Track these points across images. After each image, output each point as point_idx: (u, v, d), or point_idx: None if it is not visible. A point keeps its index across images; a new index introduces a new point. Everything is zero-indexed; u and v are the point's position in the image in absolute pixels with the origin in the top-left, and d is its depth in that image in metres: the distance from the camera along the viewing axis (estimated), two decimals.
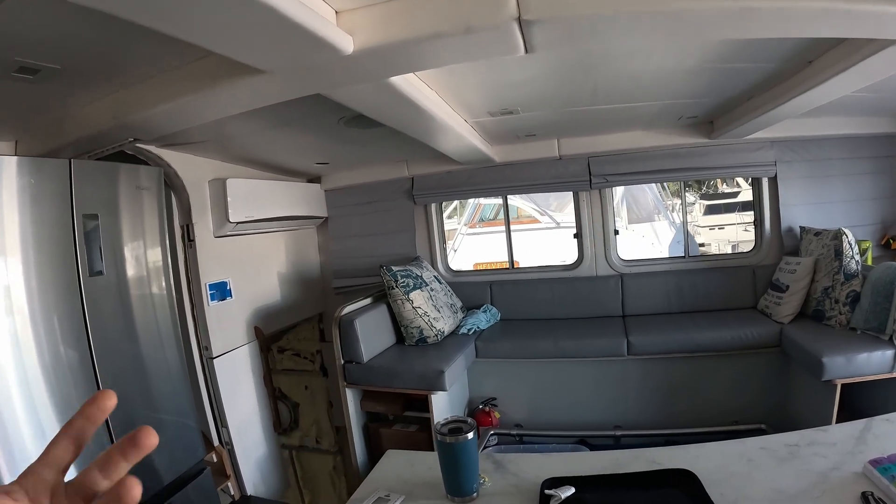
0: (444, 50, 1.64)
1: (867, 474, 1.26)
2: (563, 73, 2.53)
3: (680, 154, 4.19)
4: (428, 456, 1.74)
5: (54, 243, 2.20)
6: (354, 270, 4.87)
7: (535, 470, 1.52)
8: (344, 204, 4.90)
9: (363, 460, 3.61)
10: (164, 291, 2.78)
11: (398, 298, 3.77)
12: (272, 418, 4.10)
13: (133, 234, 2.61)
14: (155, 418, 2.63)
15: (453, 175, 4.54)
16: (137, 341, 2.59)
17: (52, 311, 2.15)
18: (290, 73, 1.77)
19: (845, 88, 2.61)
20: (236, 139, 3.25)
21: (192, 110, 2.15)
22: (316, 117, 2.87)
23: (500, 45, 1.60)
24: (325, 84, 1.96)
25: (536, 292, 4.49)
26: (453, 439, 1.39)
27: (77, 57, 1.79)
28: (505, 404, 3.99)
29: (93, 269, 2.35)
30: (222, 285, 3.65)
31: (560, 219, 8.16)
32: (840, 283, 3.39)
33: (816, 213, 4.09)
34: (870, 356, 2.94)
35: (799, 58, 2.46)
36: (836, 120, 3.89)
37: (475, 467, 1.43)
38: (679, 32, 1.73)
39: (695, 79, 2.76)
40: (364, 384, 3.50)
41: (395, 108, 2.42)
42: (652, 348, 3.71)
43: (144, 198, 2.68)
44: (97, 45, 1.72)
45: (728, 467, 1.41)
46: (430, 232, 4.78)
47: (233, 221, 3.59)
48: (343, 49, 1.55)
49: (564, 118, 3.51)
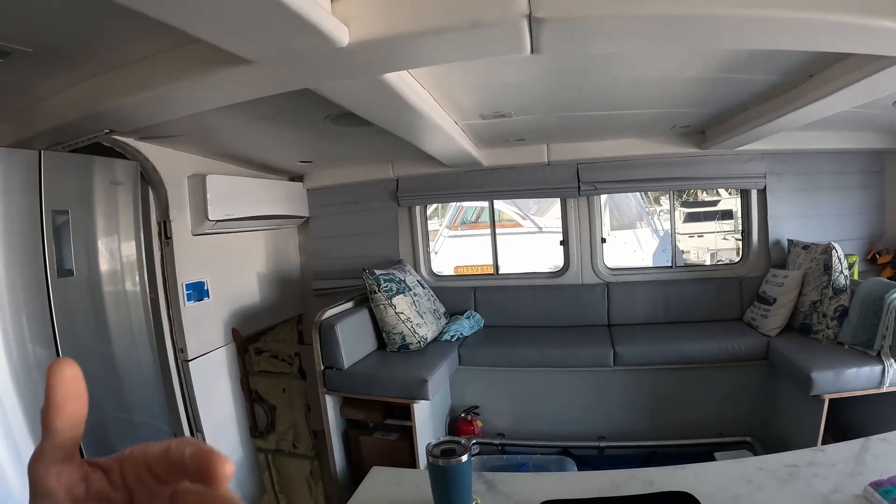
0: (447, 46, 1.55)
1: (868, 497, 1.24)
2: (562, 77, 2.47)
3: (670, 163, 4.17)
4: (413, 473, 1.68)
5: (22, 240, 2.11)
6: (335, 272, 4.79)
7: (529, 491, 1.46)
8: (326, 204, 4.82)
9: (342, 468, 3.52)
10: (139, 291, 2.71)
11: (380, 303, 3.69)
12: (248, 422, 4.01)
13: (107, 231, 2.53)
14: (126, 420, 2.57)
15: (439, 177, 4.48)
16: (110, 342, 2.52)
17: (20, 310, 2.07)
18: (278, 64, 1.67)
19: (844, 104, 2.59)
20: (217, 133, 3.14)
21: (170, 101, 2.04)
22: (301, 113, 2.77)
23: (505, 44, 1.52)
24: (314, 78, 1.87)
25: (521, 299, 4.44)
26: (446, 462, 1.31)
27: (50, 39, 1.69)
28: (487, 413, 3.93)
29: (62, 267, 2.27)
30: (199, 285, 3.55)
31: (542, 223, 8.15)
32: (829, 298, 3.39)
33: (804, 226, 4.11)
34: (858, 371, 2.93)
35: (801, 71, 2.44)
36: (827, 134, 3.90)
37: (469, 490, 1.35)
38: (691, 39, 1.67)
39: (695, 87, 2.73)
40: (344, 391, 3.42)
41: (387, 107, 2.33)
42: (638, 359, 3.68)
43: (119, 193, 2.59)
44: (71, 27, 1.61)
45: (728, 490, 1.37)
46: (414, 235, 4.71)
47: (212, 219, 3.48)
48: (338, 40, 1.45)
49: (556, 123, 3.46)
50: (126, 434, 2.51)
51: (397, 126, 2.75)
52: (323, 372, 3.39)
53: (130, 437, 2.55)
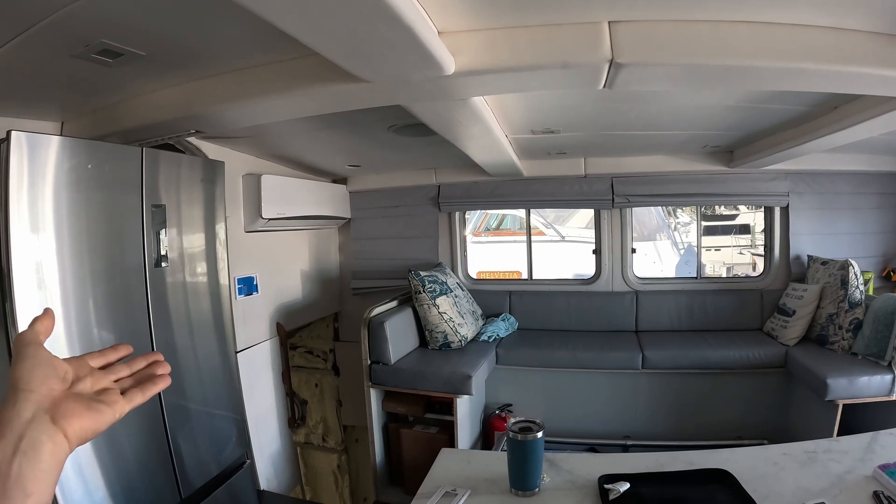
0: (535, 80, 1.79)
1: (877, 477, 1.45)
2: (614, 103, 2.69)
3: (699, 180, 4.36)
4: (483, 454, 1.84)
5: (111, 231, 2.24)
6: (373, 272, 4.97)
7: (587, 468, 1.65)
8: (368, 206, 4.99)
9: (381, 458, 3.68)
10: (216, 284, 2.86)
11: (425, 303, 3.87)
12: (287, 414, 4.17)
13: (193, 228, 2.68)
14: (206, 413, 2.73)
15: (479, 185, 4.66)
16: (192, 333, 2.67)
17: (88, 295, 2.14)
18: (388, 85, 1.86)
19: (865, 134, 2.80)
20: (278, 137, 3.31)
21: (271, 109, 2.22)
22: (366, 122, 2.94)
23: (584, 80, 1.77)
24: (413, 98, 2.07)
25: (554, 304, 4.62)
26: (524, 437, 1.52)
27: (165, 45, 1.83)
28: (520, 411, 4.08)
29: (156, 258, 2.43)
30: (249, 280, 3.71)
31: (564, 232, 8.31)
32: (844, 311, 3.57)
33: (823, 243, 4.28)
34: (870, 380, 3.13)
35: (826, 104, 2.66)
36: (848, 156, 4.07)
37: (540, 464, 1.55)
38: (738, 83, 1.95)
39: (730, 114, 2.95)
40: (389, 385, 3.57)
41: (459, 122, 2.52)
42: (665, 363, 3.85)
43: (204, 190, 2.75)
44: (190, 34, 1.76)
45: (757, 469, 1.57)
46: (453, 239, 4.89)
47: (265, 217, 3.65)
48: (445, 68, 1.67)
49: (597, 139, 3.66)
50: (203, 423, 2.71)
51: (458, 137, 2.92)
52: (370, 366, 3.54)
53: (211, 429, 2.76)
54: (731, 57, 1.64)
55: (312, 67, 1.90)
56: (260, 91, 2.09)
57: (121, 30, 1.69)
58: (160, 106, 2.38)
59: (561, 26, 1.65)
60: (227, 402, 2.93)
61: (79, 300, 2.10)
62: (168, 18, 1.65)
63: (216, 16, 1.51)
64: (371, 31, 1.42)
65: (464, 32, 1.69)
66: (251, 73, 2.10)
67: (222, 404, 2.89)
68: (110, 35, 1.72)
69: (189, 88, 2.28)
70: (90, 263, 2.14)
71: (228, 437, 2.90)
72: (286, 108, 2.23)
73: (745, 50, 1.66)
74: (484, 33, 1.69)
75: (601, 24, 1.64)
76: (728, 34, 1.64)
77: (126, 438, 2.22)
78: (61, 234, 2.02)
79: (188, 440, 2.55)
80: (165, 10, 1.59)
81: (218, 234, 2.87)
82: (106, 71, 2.00)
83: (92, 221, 2.14)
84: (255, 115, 2.37)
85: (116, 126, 2.53)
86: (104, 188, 2.20)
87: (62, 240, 2.03)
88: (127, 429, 2.23)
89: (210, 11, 1.46)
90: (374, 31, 1.42)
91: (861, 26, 1.69)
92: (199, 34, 1.79)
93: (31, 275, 1.93)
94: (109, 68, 1.97)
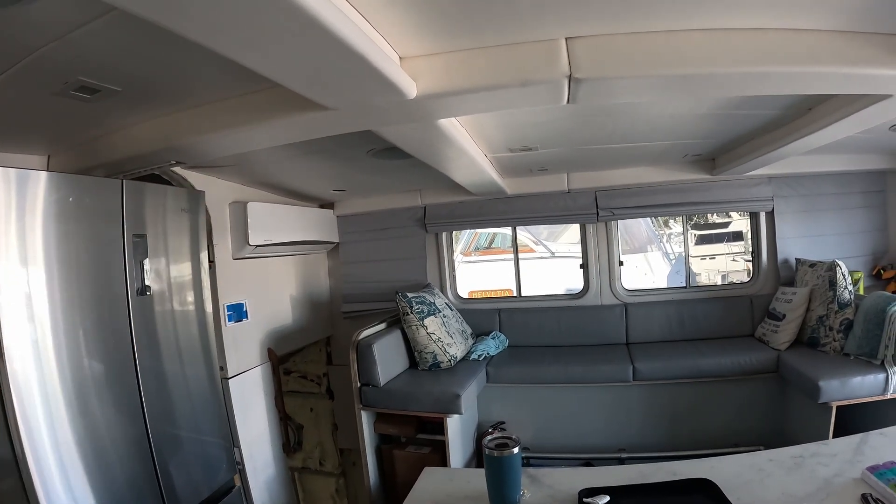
0: (498, 98, 1.82)
1: (865, 479, 1.44)
2: (586, 117, 2.72)
3: (683, 189, 4.38)
4: (464, 472, 1.85)
5: (95, 261, 2.26)
6: (363, 295, 4.98)
7: (568, 482, 1.65)
8: (356, 230, 5.02)
9: (375, 480, 3.66)
10: (202, 311, 2.87)
11: (413, 324, 3.87)
12: (282, 439, 4.16)
13: (176, 256, 2.71)
14: (193, 439, 2.73)
15: (465, 205, 4.69)
16: (176, 361, 2.68)
17: (77, 325, 2.15)
18: (353, 111, 1.90)
19: (842, 133, 2.80)
20: (262, 164, 3.34)
21: (246, 139, 2.26)
22: (345, 147, 2.98)
23: (546, 97, 1.79)
24: (380, 122, 2.11)
25: (544, 320, 4.62)
26: (500, 454, 1.52)
27: (139, 81, 1.89)
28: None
29: (139, 287, 2.44)
30: (239, 307, 3.72)
31: (554, 248, 8.33)
32: (834, 312, 3.58)
33: (811, 245, 4.29)
34: (863, 380, 3.12)
35: (799, 106, 2.67)
36: (829, 157, 4.09)
37: (518, 480, 1.55)
38: (702, 91, 1.97)
39: (704, 123, 2.97)
40: (380, 407, 3.56)
41: (430, 143, 2.56)
42: (656, 374, 3.85)
43: (187, 220, 2.79)
44: (162, 71, 1.82)
45: (742, 476, 1.57)
46: (441, 260, 4.91)
47: (252, 244, 3.67)
48: (407, 93, 1.71)
49: (577, 155, 3.69)
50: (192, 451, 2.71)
51: (435, 159, 2.96)
52: (359, 389, 3.53)
53: (195, 453, 2.75)
54: (688, 66, 1.66)
55: (282, 97, 1.93)
56: (235, 122, 2.13)
57: (96, 67, 1.74)
58: (139, 138, 2.42)
59: (519, 45, 1.68)
60: (215, 428, 2.92)
61: (69, 331, 2.11)
62: (138, 56, 1.69)
63: (185, 51, 1.54)
64: (327, 63, 1.46)
65: (424, 57, 1.73)
66: (225, 105, 2.14)
67: (209, 430, 2.88)
68: (86, 72, 1.76)
69: (166, 121, 2.32)
70: (79, 294, 2.16)
71: (216, 462, 2.88)
72: (261, 137, 2.27)
73: (703, 58, 1.68)
74: (444, 56, 1.72)
75: (558, 41, 1.66)
76: (683, 43, 1.66)
77: (117, 462, 2.24)
78: (50, 267, 2.04)
79: (176, 465, 2.55)
80: (134, 48, 1.62)
81: (202, 262, 2.89)
82: (85, 106, 2.06)
83: (78, 253, 2.17)
84: (232, 145, 2.41)
85: (101, 159, 2.57)
86: (87, 220, 2.22)
87: (51, 272, 2.05)
88: (117, 453, 2.25)
89: (178, 47, 1.48)
90: (330, 62, 1.45)
91: (819, 26, 1.70)
92: (170, 69, 1.83)
93: (21, 308, 1.94)
94: (88, 104, 2.02)
